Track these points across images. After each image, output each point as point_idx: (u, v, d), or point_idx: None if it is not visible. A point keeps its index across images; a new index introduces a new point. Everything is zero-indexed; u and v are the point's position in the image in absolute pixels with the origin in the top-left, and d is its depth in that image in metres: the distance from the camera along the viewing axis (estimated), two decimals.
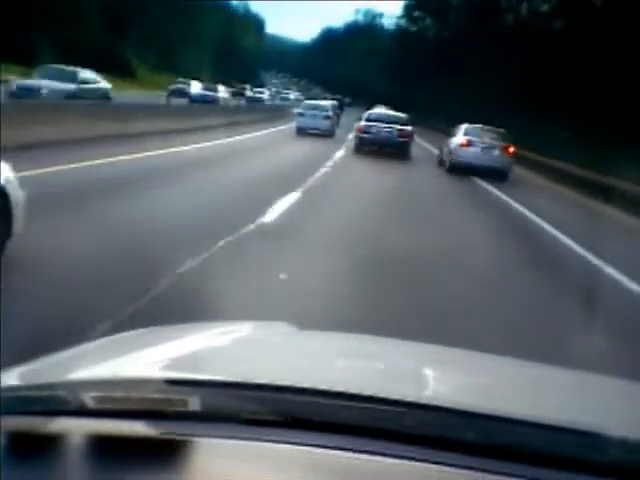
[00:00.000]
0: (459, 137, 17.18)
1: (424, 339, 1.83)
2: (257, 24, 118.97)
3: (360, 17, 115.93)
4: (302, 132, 24.53)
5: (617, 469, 0.89)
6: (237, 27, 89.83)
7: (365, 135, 19.40)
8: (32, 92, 16.92)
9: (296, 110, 26.13)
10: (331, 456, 0.88)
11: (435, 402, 0.97)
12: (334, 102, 42.68)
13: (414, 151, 20.58)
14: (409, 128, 19.79)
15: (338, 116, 36.67)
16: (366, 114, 21.19)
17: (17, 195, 4.68)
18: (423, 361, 1.52)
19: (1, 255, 4.43)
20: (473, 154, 16.47)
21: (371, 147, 19.13)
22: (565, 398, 1.28)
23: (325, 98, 54.48)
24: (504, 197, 13.44)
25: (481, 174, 16.01)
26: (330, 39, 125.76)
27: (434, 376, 1.35)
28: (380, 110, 22.76)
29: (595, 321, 5.12)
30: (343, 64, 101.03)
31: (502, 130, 17.65)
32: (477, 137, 17.10)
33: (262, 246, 6.36)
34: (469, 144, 16.67)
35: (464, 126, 17.83)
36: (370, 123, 19.69)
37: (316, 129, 24.41)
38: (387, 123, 19.66)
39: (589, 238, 8.59)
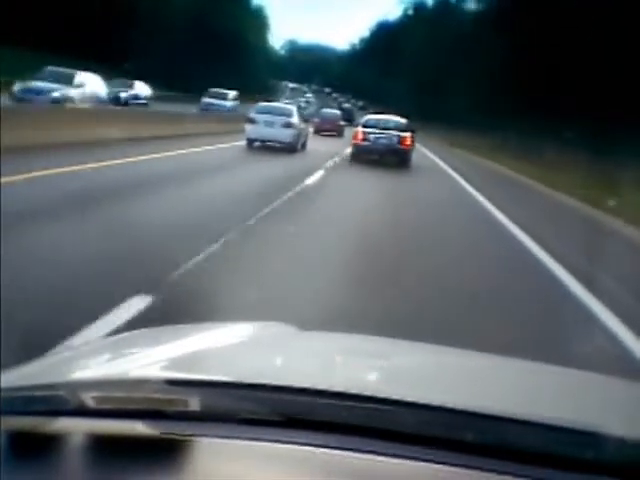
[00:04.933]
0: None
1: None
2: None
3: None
4: (255, 145, 18.97)
5: (616, 468, 0.89)
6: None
7: (363, 143, 18.26)
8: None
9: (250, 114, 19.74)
10: (330, 455, 0.88)
11: (435, 402, 0.97)
12: (330, 110, 36.65)
13: None
14: (409, 134, 18.83)
15: (341, 128, 33.14)
16: (364, 120, 19.90)
17: None
18: (422, 361, 1.52)
19: None
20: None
21: (369, 156, 17.95)
22: (564, 397, 1.28)
23: (330, 106, 46.28)
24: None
25: None
26: (382, 36, 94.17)
27: (433, 376, 1.35)
28: (379, 115, 20.49)
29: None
30: (391, 66, 77.96)
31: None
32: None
33: None
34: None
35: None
36: (368, 129, 18.56)
37: (272, 141, 18.88)
38: (386, 129, 18.62)
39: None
